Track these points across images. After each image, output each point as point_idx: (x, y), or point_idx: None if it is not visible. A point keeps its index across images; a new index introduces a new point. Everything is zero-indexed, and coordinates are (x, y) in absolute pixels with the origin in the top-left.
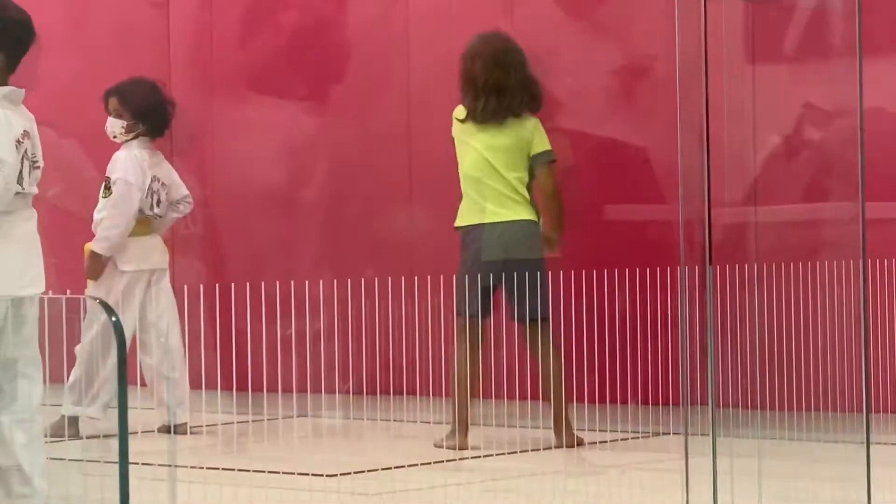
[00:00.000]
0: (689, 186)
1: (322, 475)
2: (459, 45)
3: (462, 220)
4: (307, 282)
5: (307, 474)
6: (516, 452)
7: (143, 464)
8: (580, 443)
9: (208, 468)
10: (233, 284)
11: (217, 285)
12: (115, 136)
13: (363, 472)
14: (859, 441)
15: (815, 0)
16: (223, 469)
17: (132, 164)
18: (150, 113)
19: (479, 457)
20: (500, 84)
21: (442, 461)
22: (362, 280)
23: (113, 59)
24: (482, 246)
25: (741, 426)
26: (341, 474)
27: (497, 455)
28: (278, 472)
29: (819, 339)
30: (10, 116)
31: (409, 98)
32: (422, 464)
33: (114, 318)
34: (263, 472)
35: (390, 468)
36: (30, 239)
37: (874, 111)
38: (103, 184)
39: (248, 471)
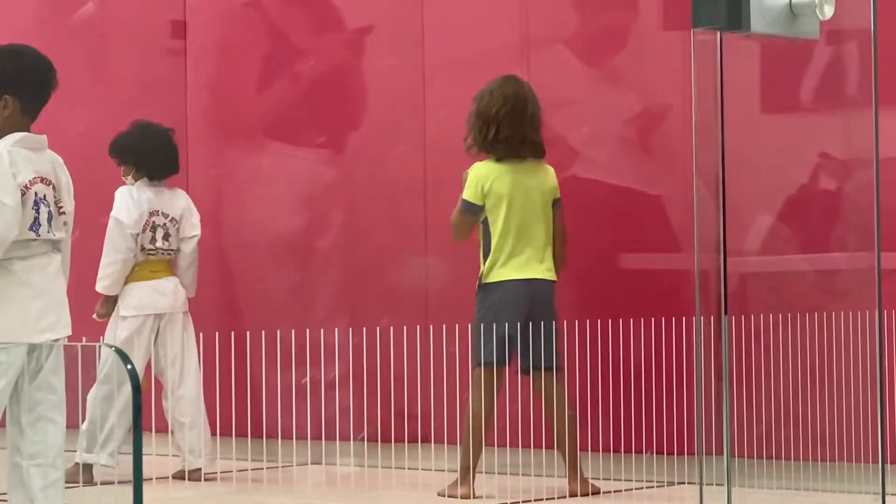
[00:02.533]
0: (705, 236)
1: None
2: (476, 93)
3: (494, 274)
4: (322, 330)
5: None
6: (531, 501)
7: None
8: (595, 491)
9: None
10: (248, 332)
11: (232, 333)
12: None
13: None
14: (875, 492)
15: (832, 50)
16: None
17: (123, 202)
18: (135, 154)
19: None
20: (520, 118)
21: None
22: (377, 328)
23: (130, 108)
24: (519, 297)
25: (756, 476)
26: None
27: (511, 503)
28: None
29: (834, 389)
30: (18, 161)
31: (426, 147)
32: None
33: (129, 366)
34: None
35: None
36: (48, 284)
37: (890, 161)
38: None
39: None
